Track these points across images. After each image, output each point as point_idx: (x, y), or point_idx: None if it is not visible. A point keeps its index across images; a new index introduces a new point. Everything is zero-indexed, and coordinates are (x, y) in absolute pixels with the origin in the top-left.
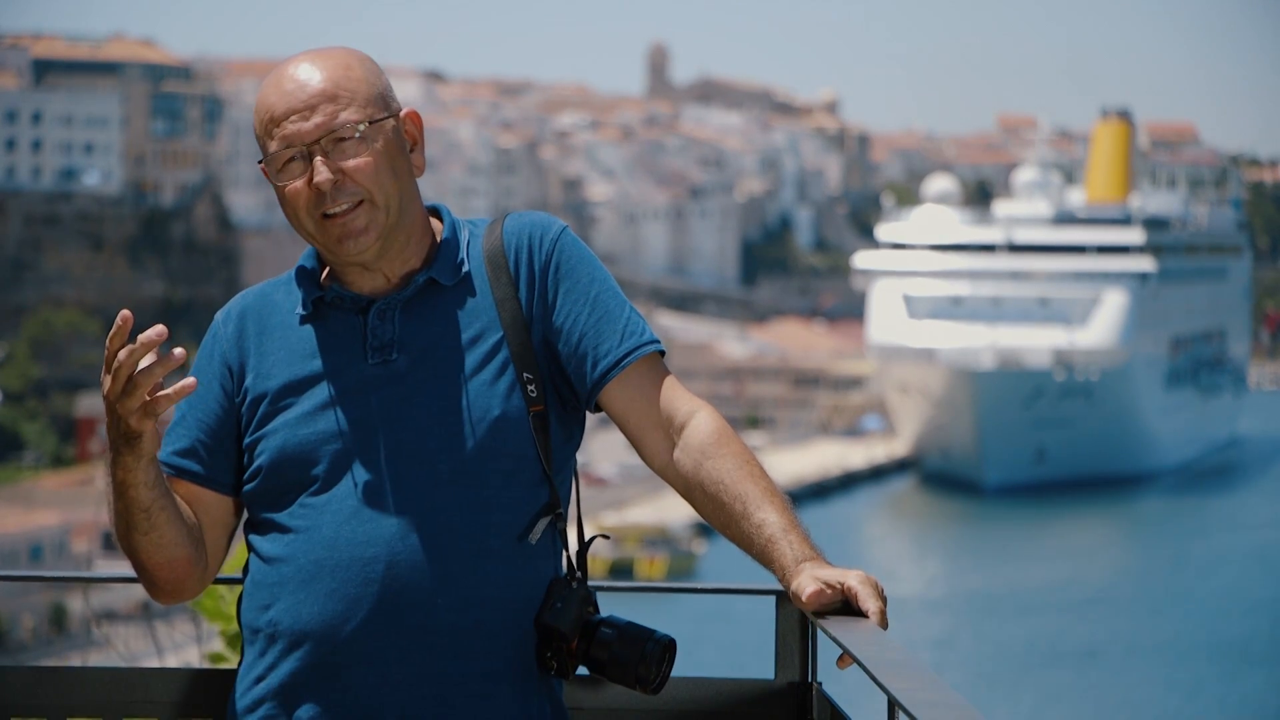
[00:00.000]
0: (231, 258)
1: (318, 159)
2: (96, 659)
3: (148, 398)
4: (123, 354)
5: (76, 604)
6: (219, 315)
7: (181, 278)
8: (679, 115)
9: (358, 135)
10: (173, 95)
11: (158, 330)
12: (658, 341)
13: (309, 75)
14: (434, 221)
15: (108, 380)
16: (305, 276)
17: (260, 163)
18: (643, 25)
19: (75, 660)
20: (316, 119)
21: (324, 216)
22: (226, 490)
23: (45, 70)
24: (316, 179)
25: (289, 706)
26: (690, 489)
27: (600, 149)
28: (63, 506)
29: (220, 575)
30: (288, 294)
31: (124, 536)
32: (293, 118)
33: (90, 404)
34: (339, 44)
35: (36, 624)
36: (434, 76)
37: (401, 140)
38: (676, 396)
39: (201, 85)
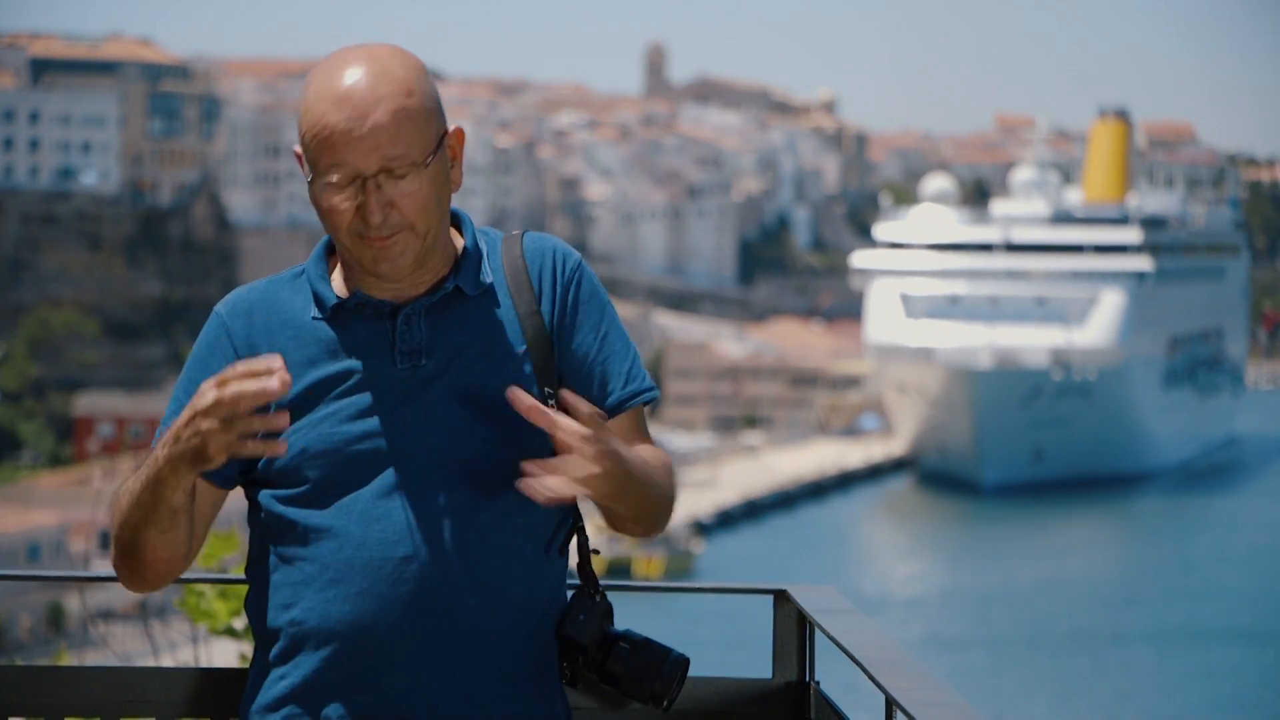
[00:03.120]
0: (229, 257)
1: (371, 189)
2: (93, 659)
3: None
4: (250, 386)
5: (74, 604)
6: (221, 308)
7: (179, 277)
8: (677, 115)
9: (415, 169)
10: (170, 95)
11: (283, 380)
12: (654, 389)
13: (374, 95)
14: (453, 229)
15: (211, 396)
16: (318, 278)
17: (299, 154)
18: (640, 25)
19: (72, 660)
20: (376, 155)
21: (360, 235)
22: (223, 484)
23: (43, 69)
24: (369, 215)
25: (315, 706)
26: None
27: (598, 149)
28: (60, 506)
29: (222, 576)
30: (295, 292)
31: (135, 527)
32: (352, 141)
33: (87, 403)
34: (335, 44)
35: (34, 623)
36: (431, 76)
37: (448, 163)
38: (643, 444)
39: (199, 85)
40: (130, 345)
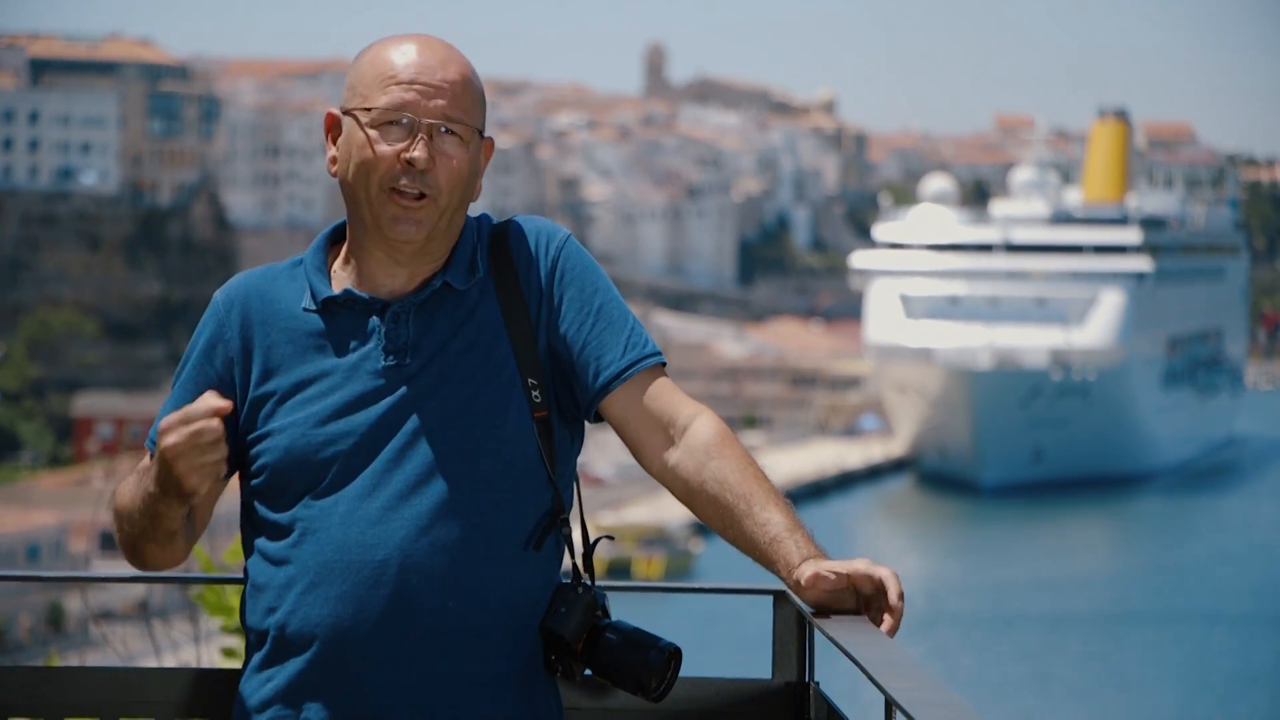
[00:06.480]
0: (228, 257)
1: (422, 137)
2: (93, 659)
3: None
4: (211, 425)
5: (73, 604)
6: (219, 296)
7: (178, 277)
8: (676, 115)
9: (464, 138)
10: (170, 95)
11: (219, 409)
12: (660, 354)
13: (446, 58)
14: None
15: (174, 437)
16: (314, 269)
17: (344, 110)
18: (640, 25)
19: (72, 660)
20: (442, 101)
21: (392, 190)
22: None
23: (42, 70)
24: (414, 153)
25: (298, 708)
26: (692, 491)
27: (597, 149)
28: (60, 506)
29: (222, 575)
30: (291, 282)
31: (134, 539)
32: (418, 86)
33: (87, 404)
34: (335, 44)
35: (34, 624)
36: None
37: (480, 163)
38: (677, 401)
39: (198, 85)
40: (130, 345)
